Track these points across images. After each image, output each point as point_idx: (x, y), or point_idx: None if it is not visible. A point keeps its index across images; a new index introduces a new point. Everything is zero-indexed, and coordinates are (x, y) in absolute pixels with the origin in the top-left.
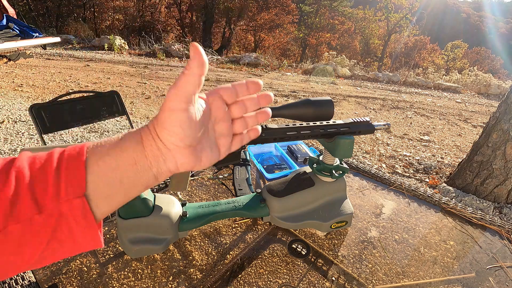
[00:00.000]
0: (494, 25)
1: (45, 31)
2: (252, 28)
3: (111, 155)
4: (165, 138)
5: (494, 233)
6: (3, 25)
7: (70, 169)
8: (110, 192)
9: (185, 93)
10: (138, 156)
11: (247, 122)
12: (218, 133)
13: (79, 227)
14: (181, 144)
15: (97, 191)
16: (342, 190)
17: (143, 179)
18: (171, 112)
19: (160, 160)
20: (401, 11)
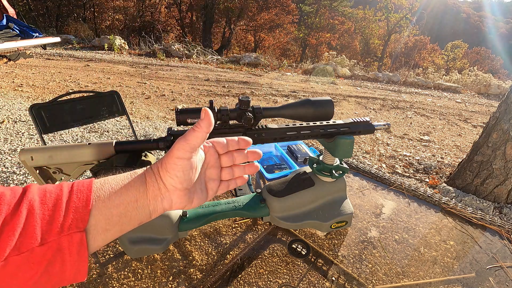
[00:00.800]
0: (494, 25)
1: (45, 31)
2: (252, 28)
3: (117, 193)
4: (167, 181)
5: (494, 233)
6: (3, 25)
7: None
8: (109, 226)
9: (192, 145)
10: (140, 195)
11: (234, 171)
12: (208, 177)
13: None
14: (179, 187)
15: (97, 226)
16: (342, 190)
17: (140, 215)
18: (178, 160)
19: (158, 199)
20: (401, 11)
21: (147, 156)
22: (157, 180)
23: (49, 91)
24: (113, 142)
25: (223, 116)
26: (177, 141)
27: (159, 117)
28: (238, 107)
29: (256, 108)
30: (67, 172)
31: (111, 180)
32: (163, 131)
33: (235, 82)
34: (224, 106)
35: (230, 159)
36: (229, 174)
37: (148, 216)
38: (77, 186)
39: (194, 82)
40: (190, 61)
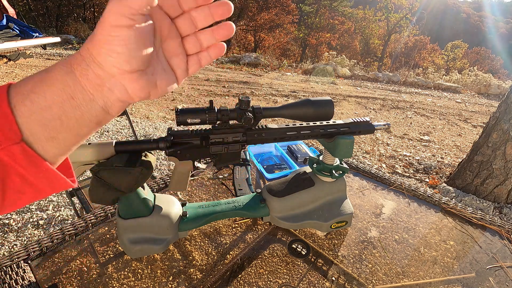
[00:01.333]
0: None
1: (45, 31)
2: (252, 28)
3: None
4: (105, 61)
5: (494, 233)
6: (3, 25)
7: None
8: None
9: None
10: (72, 89)
11: (200, 39)
12: (168, 53)
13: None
14: (127, 68)
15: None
16: (342, 190)
17: (89, 114)
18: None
19: (104, 89)
20: (401, 11)
21: (147, 156)
22: (90, 64)
23: None
24: (113, 142)
25: (223, 116)
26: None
27: (159, 117)
28: (238, 107)
29: (256, 108)
30: None
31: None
32: (163, 131)
33: (235, 82)
34: (224, 106)
35: (189, 23)
36: (194, 44)
37: (103, 112)
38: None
39: (194, 82)
40: None
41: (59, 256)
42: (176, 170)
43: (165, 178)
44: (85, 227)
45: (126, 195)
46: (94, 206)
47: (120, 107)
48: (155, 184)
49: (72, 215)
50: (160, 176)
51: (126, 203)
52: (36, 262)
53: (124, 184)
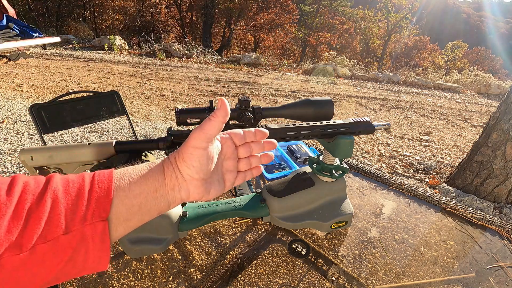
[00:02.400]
0: (494, 25)
1: (45, 31)
2: (252, 28)
3: (136, 182)
4: (184, 170)
5: (494, 233)
6: (3, 25)
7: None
8: (130, 216)
9: (208, 135)
10: (159, 185)
11: (251, 162)
12: (225, 169)
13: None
14: (196, 176)
15: (118, 215)
16: (342, 190)
17: (159, 205)
18: (194, 149)
19: (176, 189)
20: (401, 11)
21: (147, 156)
22: (175, 170)
23: (49, 91)
24: (113, 142)
25: None
26: (193, 130)
27: (159, 117)
28: (238, 107)
29: (256, 108)
30: (67, 172)
31: (131, 171)
32: (163, 131)
33: (235, 82)
34: None
35: (247, 150)
36: (246, 164)
37: (166, 206)
38: (98, 176)
39: (194, 82)
40: (190, 61)
41: None
42: None
43: None
44: None
45: None
46: None
47: (178, 204)
48: None
49: None
50: None
51: None
52: None
53: None
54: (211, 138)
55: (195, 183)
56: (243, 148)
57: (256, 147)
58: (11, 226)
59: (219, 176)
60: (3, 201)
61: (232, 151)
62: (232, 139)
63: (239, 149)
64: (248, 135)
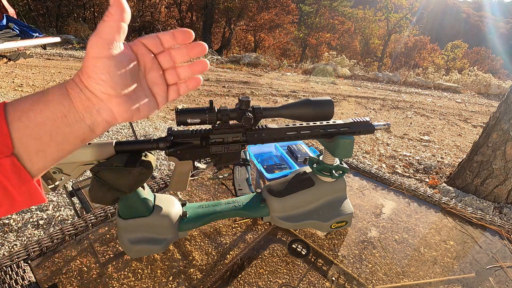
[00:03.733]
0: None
1: (45, 31)
2: (252, 28)
3: (35, 110)
4: (93, 87)
5: (494, 233)
6: (3, 25)
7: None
8: (41, 147)
9: (107, 39)
10: (66, 109)
11: (179, 72)
12: (150, 82)
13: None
14: (112, 92)
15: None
16: (342, 190)
17: (77, 131)
18: (96, 60)
19: (93, 111)
20: (401, 11)
21: (147, 156)
22: (82, 90)
23: None
24: (113, 142)
25: (223, 116)
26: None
27: (159, 117)
28: (238, 107)
29: (256, 108)
30: (67, 172)
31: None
32: (163, 131)
33: (235, 82)
34: (224, 106)
35: (169, 59)
36: (173, 76)
37: (89, 131)
38: None
39: None
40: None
41: (59, 256)
42: (176, 170)
43: (165, 178)
44: (85, 227)
45: (126, 195)
46: (94, 206)
47: (105, 127)
48: (155, 184)
49: (72, 215)
50: (160, 176)
51: (126, 203)
52: (36, 262)
53: (124, 184)
54: (111, 42)
55: (115, 100)
56: (163, 56)
57: (177, 54)
58: None
59: (146, 91)
60: None
61: (151, 60)
62: (145, 46)
63: (159, 58)
64: (164, 39)
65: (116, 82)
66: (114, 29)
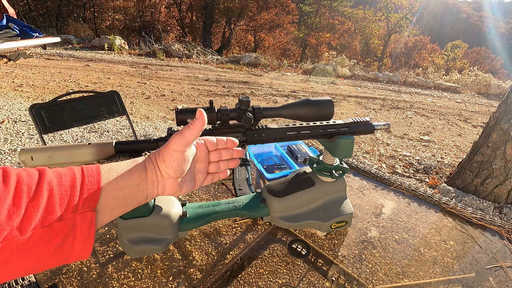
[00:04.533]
0: (494, 25)
1: (45, 31)
2: (252, 28)
3: (123, 177)
4: (163, 170)
5: (494, 233)
6: (3, 25)
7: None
8: (115, 206)
9: (187, 141)
10: (141, 180)
11: (220, 166)
12: (197, 170)
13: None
14: (173, 175)
15: (105, 205)
16: (342, 190)
17: (139, 198)
18: (174, 152)
19: (155, 185)
20: (401, 11)
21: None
22: (155, 168)
23: (49, 91)
24: (113, 142)
25: (223, 116)
26: (174, 135)
27: (159, 117)
28: (238, 107)
29: (256, 108)
30: None
31: (117, 166)
32: (163, 131)
33: (235, 82)
34: (224, 106)
35: (218, 155)
36: (215, 167)
37: (145, 198)
38: (87, 170)
39: (194, 82)
40: (190, 61)
41: None
42: None
43: None
44: None
45: None
46: None
47: (153, 197)
48: None
49: None
50: None
51: None
52: None
53: None
54: (189, 143)
55: (171, 181)
56: (214, 153)
57: (225, 153)
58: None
59: (191, 176)
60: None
61: (205, 155)
62: (206, 145)
63: (211, 154)
64: (220, 143)
65: (179, 170)
66: (194, 135)
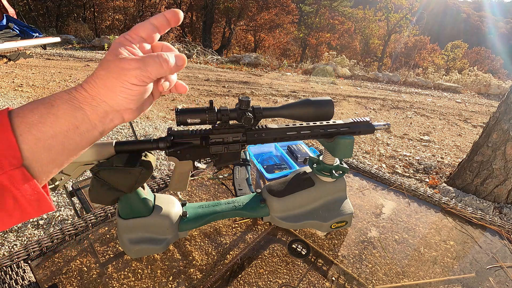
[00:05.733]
0: (494, 25)
1: (45, 31)
2: (252, 28)
3: (45, 123)
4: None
5: (494, 233)
6: (3, 25)
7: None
8: (53, 156)
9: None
10: (79, 121)
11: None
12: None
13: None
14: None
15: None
16: (342, 190)
17: (88, 139)
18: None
19: (107, 120)
20: (401, 11)
21: (147, 156)
22: (100, 103)
23: (49, 91)
24: (113, 142)
25: (223, 116)
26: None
27: (159, 117)
28: (238, 107)
29: (256, 108)
30: (67, 172)
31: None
32: (163, 131)
33: (235, 82)
34: (224, 106)
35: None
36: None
37: (99, 135)
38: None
39: (194, 82)
40: (190, 61)
41: (59, 256)
42: (176, 170)
43: (165, 178)
44: (85, 227)
45: (126, 195)
46: (94, 206)
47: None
48: (155, 184)
49: (72, 215)
50: (160, 176)
51: (126, 203)
52: (36, 262)
53: (124, 184)
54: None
55: (130, 111)
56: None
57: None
58: None
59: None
60: None
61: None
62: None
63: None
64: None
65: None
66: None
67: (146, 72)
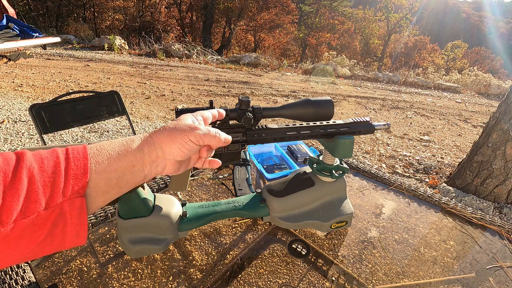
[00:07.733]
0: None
1: (45, 31)
2: (252, 28)
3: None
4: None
5: (494, 233)
6: (3, 25)
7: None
8: (108, 189)
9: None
10: (137, 160)
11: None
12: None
13: (72, 223)
14: (179, 159)
15: (97, 189)
16: (342, 190)
17: (136, 179)
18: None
19: (154, 165)
20: (401, 11)
21: None
22: (157, 149)
23: (49, 91)
24: None
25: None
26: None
27: (159, 117)
28: (238, 107)
29: (256, 108)
30: None
31: (107, 146)
32: None
33: (235, 82)
34: (224, 106)
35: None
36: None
37: (142, 179)
38: (72, 152)
39: (194, 82)
40: (190, 61)
41: (59, 256)
42: None
43: (165, 178)
44: None
45: (126, 195)
46: None
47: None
48: (155, 184)
49: None
50: (160, 176)
51: (126, 203)
52: (36, 262)
53: None
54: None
55: (173, 162)
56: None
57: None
58: None
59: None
60: None
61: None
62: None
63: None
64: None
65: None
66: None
67: (203, 136)
